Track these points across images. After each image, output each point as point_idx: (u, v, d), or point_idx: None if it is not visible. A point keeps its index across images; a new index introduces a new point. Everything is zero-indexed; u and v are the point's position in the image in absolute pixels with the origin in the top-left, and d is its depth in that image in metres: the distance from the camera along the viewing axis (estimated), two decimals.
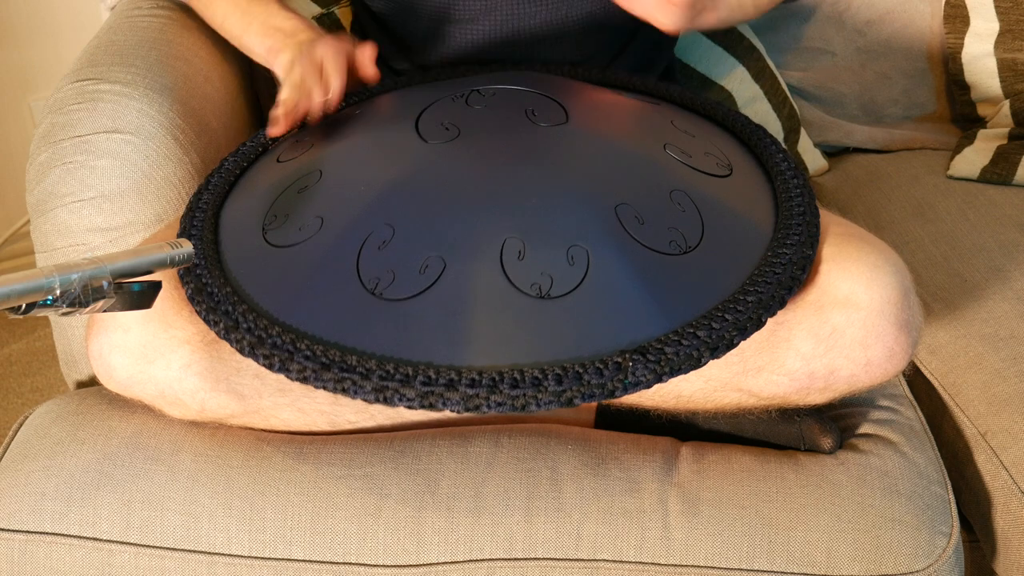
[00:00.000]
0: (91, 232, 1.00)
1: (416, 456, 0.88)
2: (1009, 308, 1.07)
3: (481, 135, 0.89)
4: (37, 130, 1.04)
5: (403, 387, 0.73)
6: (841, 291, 0.82)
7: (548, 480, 0.86)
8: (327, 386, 0.75)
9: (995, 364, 1.02)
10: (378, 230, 0.81)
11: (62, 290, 0.63)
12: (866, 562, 0.83)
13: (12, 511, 0.86)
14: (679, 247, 0.81)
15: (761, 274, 0.81)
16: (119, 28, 1.18)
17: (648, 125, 0.96)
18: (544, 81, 0.99)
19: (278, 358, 0.76)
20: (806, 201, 0.88)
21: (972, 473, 1.00)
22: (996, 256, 1.15)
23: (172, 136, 1.04)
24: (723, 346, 0.76)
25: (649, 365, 0.74)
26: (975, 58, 1.42)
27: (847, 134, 1.46)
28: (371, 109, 0.99)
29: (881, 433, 0.92)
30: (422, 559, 0.84)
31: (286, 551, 0.85)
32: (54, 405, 0.96)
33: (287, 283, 0.82)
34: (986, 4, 1.41)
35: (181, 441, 0.89)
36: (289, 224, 0.85)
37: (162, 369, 0.85)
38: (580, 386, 0.73)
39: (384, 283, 0.78)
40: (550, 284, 0.77)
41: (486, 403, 0.73)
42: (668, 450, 0.89)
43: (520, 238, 0.79)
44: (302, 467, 0.87)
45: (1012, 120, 1.38)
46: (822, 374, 0.84)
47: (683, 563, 0.83)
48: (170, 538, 0.85)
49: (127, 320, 0.84)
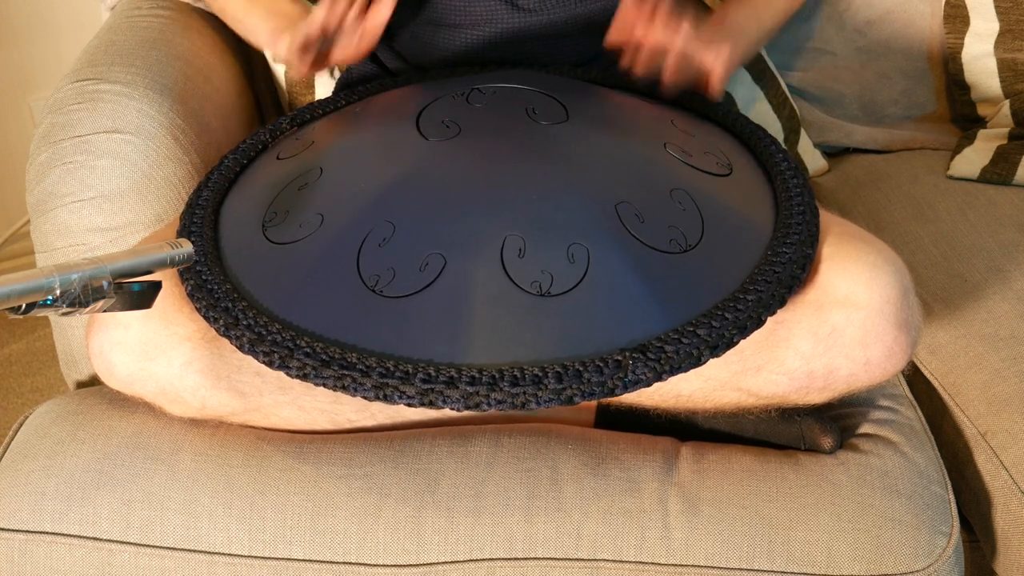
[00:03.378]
0: (91, 232, 1.00)
1: (416, 456, 0.88)
2: (1009, 308, 1.07)
3: (482, 133, 0.89)
4: (37, 130, 1.04)
5: (403, 385, 0.73)
6: (840, 290, 0.82)
7: (548, 480, 0.86)
8: (327, 383, 0.75)
9: (995, 364, 1.02)
10: (378, 227, 0.81)
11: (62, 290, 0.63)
12: (866, 562, 0.83)
13: (12, 511, 0.86)
14: (679, 245, 0.81)
15: (761, 273, 0.81)
16: (119, 28, 1.18)
17: (648, 124, 0.96)
18: (545, 80, 0.99)
19: (278, 355, 0.76)
20: (806, 201, 0.88)
21: (972, 473, 1.00)
22: (996, 256, 1.15)
23: (172, 136, 1.04)
24: (723, 345, 0.76)
25: (649, 363, 0.74)
26: (975, 58, 1.42)
27: (847, 134, 1.46)
28: (372, 107, 0.99)
29: (881, 433, 0.92)
30: (422, 559, 0.84)
31: (286, 551, 0.85)
32: (54, 405, 0.96)
33: (287, 280, 0.82)
34: (986, 4, 1.41)
35: (181, 441, 0.89)
36: (289, 221, 0.85)
37: (163, 366, 0.85)
38: (580, 384, 0.73)
39: (384, 280, 0.78)
40: (550, 282, 0.77)
41: (486, 401, 0.73)
42: (668, 450, 0.89)
43: (520, 236, 0.79)
44: (302, 467, 0.87)
45: (1012, 120, 1.38)
46: (821, 373, 0.84)
47: (683, 563, 0.83)
48: (170, 538, 0.85)
49: (127, 317, 0.84)
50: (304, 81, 1.33)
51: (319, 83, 1.33)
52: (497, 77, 0.98)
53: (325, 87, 1.33)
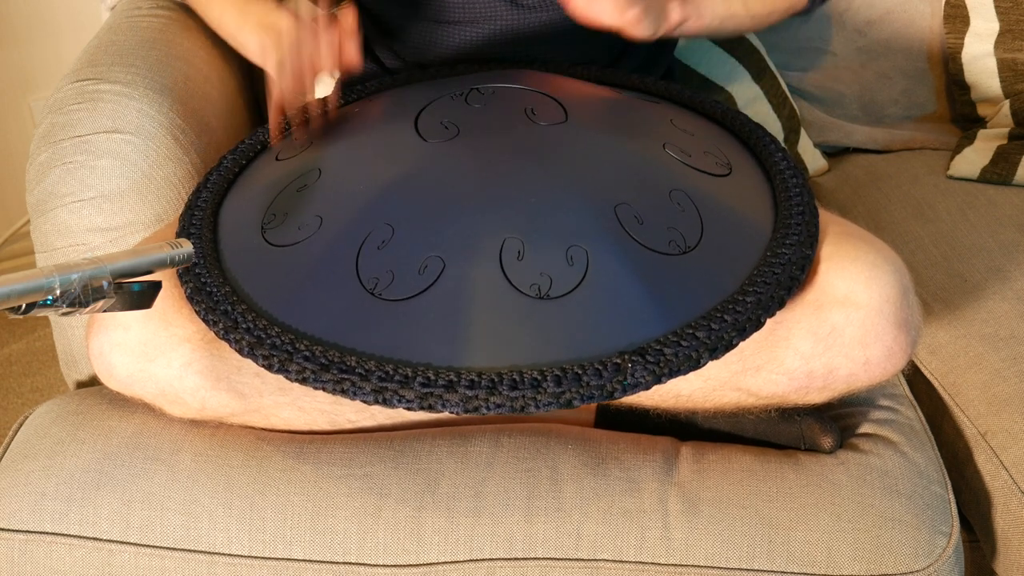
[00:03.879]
0: (91, 232, 1.00)
1: (416, 456, 0.88)
2: (1009, 308, 1.07)
3: (480, 134, 0.89)
4: (37, 130, 1.04)
5: (402, 388, 0.73)
6: (840, 290, 0.82)
7: (548, 480, 0.86)
8: (326, 387, 0.74)
9: (995, 364, 1.02)
10: (377, 230, 0.81)
11: (62, 290, 0.63)
12: (866, 562, 0.83)
13: (12, 511, 0.86)
14: (678, 247, 0.81)
15: (760, 274, 0.81)
16: (119, 28, 1.18)
17: (647, 124, 0.96)
18: (543, 80, 0.99)
19: (277, 359, 0.76)
20: (805, 201, 0.88)
21: (972, 473, 1.00)
22: (996, 256, 1.15)
23: (172, 136, 1.04)
24: (722, 347, 0.76)
25: (648, 366, 0.74)
26: (975, 58, 1.42)
27: (847, 134, 1.46)
28: (370, 108, 0.99)
29: (881, 433, 0.92)
30: (422, 559, 0.84)
31: (286, 551, 0.85)
32: (54, 405, 0.96)
33: (286, 283, 0.82)
34: (986, 4, 1.41)
35: (181, 441, 0.89)
36: (288, 223, 0.85)
37: (163, 367, 0.85)
38: (579, 387, 0.73)
39: (383, 283, 0.78)
40: (549, 284, 0.77)
41: (485, 405, 0.73)
42: (668, 450, 0.89)
43: (519, 238, 0.79)
44: (302, 467, 0.87)
45: (1012, 120, 1.38)
46: (821, 373, 0.84)
47: (683, 563, 0.83)
48: (170, 538, 0.85)
49: (127, 318, 0.84)
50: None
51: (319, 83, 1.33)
52: (496, 77, 0.98)
53: (325, 87, 1.33)
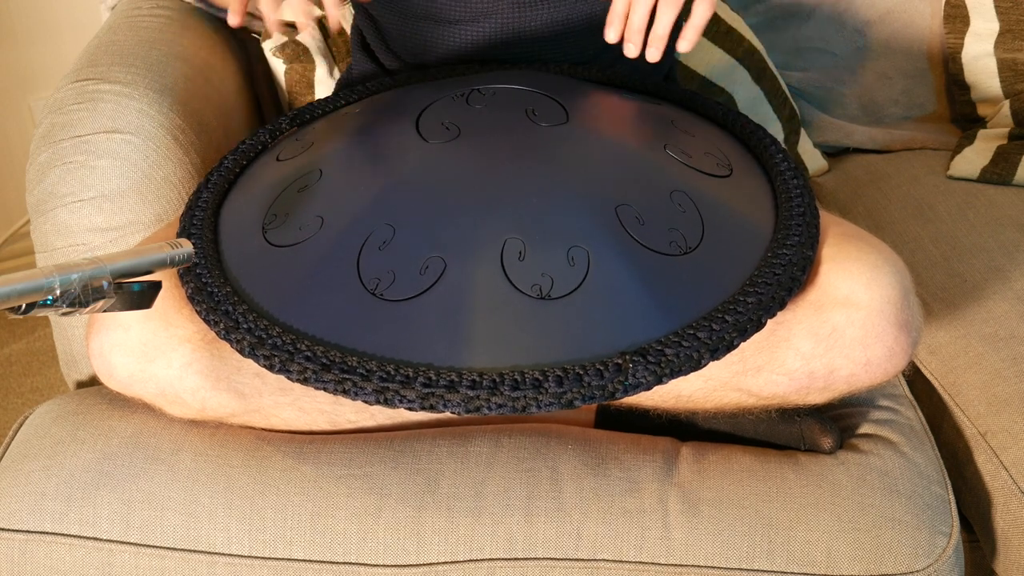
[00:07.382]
0: (91, 232, 1.00)
1: (416, 456, 0.88)
2: (1009, 308, 1.08)
3: (482, 135, 0.89)
4: (37, 130, 1.04)
5: (404, 389, 0.73)
6: (841, 291, 0.82)
7: (548, 480, 0.86)
8: (327, 387, 0.74)
9: (995, 364, 1.02)
10: (378, 230, 0.81)
11: (62, 290, 0.63)
12: (866, 562, 0.83)
13: (12, 511, 0.86)
14: (679, 248, 0.81)
15: (761, 275, 0.81)
16: (119, 28, 1.18)
17: (648, 125, 0.96)
18: (545, 81, 0.98)
19: (278, 359, 0.76)
20: (806, 201, 0.88)
21: (972, 473, 1.00)
22: (996, 256, 1.15)
23: (172, 136, 1.04)
24: (723, 347, 0.76)
25: (649, 366, 0.74)
26: (975, 58, 1.42)
27: (847, 134, 1.46)
28: (371, 108, 0.99)
29: (881, 433, 0.92)
30: (422, 559, 0.84)
31: (286, 551, 0.85)
32: (54, 405, 0.96)
33: (287, 283, 0.82)
34: (986, 4, 1.41)
35: (181, 441, 0.89)
36: (289, 223, 0.85)
37: (163, 368, 0.85)
38: (580, 388, 0.73)
39: (384, 284, 0.78)
40: (550, 285, 0.77)
41: (487, 405, 0.73)
42: (668, 450, 0.89)
43: (521, 238, 0.79)
44: (302, 467, 0.87)
45: (1012, 120, 1.38)
46: (822, 374, 0.84)
47: (683, 563, 0.83)
48: (170, 538, 0.85)
49: (127, 319, 0.84)
50: (304, 80, 1.33)
51: (319, 83, 1.33)
52: (497, 77, 0.98)
53: (325, 87, 1.33)
